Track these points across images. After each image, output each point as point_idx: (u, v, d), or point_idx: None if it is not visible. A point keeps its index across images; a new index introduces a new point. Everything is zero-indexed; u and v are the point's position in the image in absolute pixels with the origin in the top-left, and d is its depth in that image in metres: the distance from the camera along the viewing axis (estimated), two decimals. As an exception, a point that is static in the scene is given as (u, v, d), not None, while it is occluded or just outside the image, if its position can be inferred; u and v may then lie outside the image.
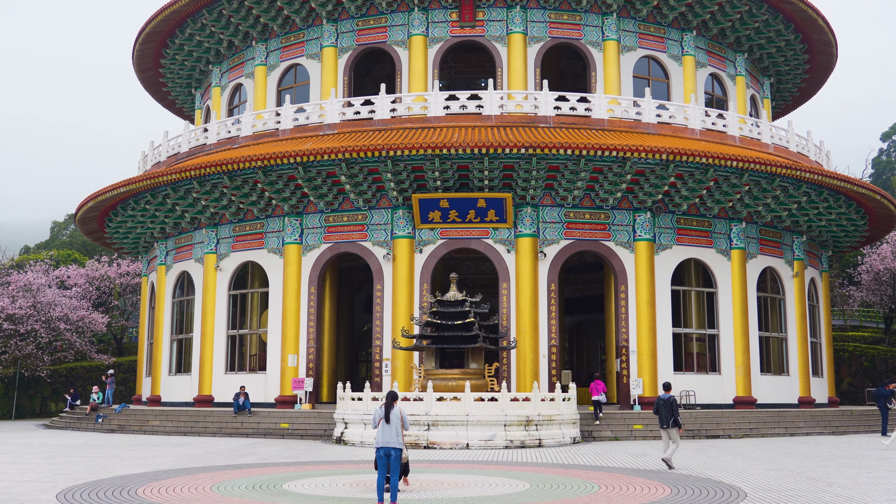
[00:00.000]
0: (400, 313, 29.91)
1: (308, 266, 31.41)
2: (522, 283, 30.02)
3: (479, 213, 30.07)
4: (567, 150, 28.17)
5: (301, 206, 31.64)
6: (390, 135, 30.30)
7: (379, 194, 30.76)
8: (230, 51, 38.44)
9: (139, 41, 39.52)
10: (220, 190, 31.92)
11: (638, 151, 28.37)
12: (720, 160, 29.06)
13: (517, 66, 33.39)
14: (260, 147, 31.69)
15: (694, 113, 32.61)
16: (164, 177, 31.68)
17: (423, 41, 33.76)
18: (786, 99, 45.08)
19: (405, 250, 30.42)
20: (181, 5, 36.19)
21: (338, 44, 34.79)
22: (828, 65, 41.82)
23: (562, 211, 30.60)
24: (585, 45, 34.18)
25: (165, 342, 35.75)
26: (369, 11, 34.50)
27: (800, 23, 37.77)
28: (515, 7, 33.65)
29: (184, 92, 43.98)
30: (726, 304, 31.94)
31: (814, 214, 33.72)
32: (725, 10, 35.56)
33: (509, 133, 29.76)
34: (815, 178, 31.11)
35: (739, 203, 31.83)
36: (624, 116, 31.99)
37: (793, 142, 35.40)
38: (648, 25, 35.08)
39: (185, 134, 35.86)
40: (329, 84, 34.25)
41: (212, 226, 33.66)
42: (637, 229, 30.83)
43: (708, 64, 36.55)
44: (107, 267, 52.81)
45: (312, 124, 32.50)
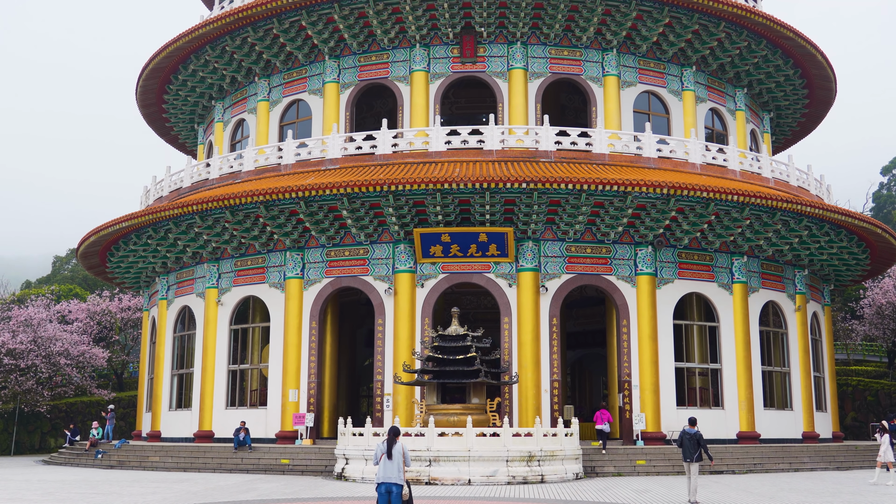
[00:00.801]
0: (401, 348, 29.83)
1: (309, 301, 31.38)
2: (524, 318, 29.96)
3: (480, 247, 30.09)
4: (568, 184, 28.25)
5: (303, 240, 31.69)
6: (392, 170, 30.41)
7: (380, 229, 30.81)
8: (233, 86, 38.70)
9: (142, 77, 39.82)
10: (222, 224, 31.98)
11: (639, 186, 28.44)
12: (721, 194, 29.12)
13: (518, 101, 33.58)
14: (262, 182, 31.79)
15: (694, 147, 32.73)
16: (166, 211, 31.76)
17: (425, 77, 33.99)
18: (786, 133, 45.27)
19: (407, 285, 30.40)
20: (185, 42, 36.50)
21: (340, 79, 35.02)
22: (827, 99, 42.04)
23: (563, 245, 30.61)
24: (586, 80, 34.40)
25: (166, 377, 35.63)
26: (371, 47, 34.77)
27: (798, 58, 38.03)
28: (516, 43, 33.91)
29: (186, 127, 44.22)
30: (728, 339, 31.83)
31: (815, 248, 33.73)
32: (724, 46, 35.83)
33: (510, 168, 29.85)
34: (815, 212, 31.15)
35: (741, 237, 31.85)
36: (625, 151, 32.10)
37: (793, 176, 35.49)
38: (648, 61, 35.32)
39: (188, 169, 36.00)
40: (331, 119, 34.44)
41: (213, 260, 33.68)
42: (639, 263, 30.83)
43: (708, 99, 36.76)
44: (108, 301, 52.77)
45: (314, 159, 32.63)
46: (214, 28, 35.32)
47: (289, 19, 34.36)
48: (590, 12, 33.27)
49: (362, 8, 33.35)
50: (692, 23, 34.20)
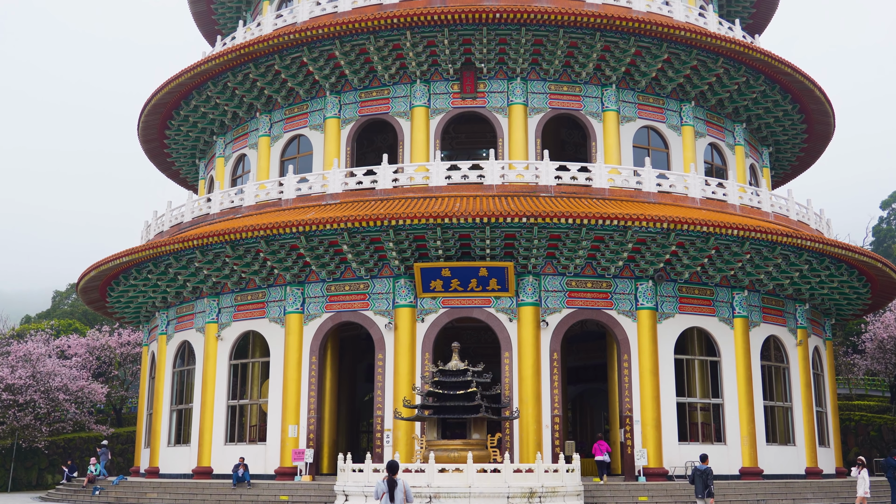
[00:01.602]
0: (401, 383, 29.71)
1: (309, 335, 31.30)
2: (525, 353, 29.87)
3: (480, 282, 30.07)
4: (568, 219, 28.30)
5: (303, 275, 31.68)
6: (392, 204, 30.48)
7: (381, 263, 30.81)
8: (234, 122, 38.90)
9: (144, 113, 40.04)
10: (223, 259, 32.00)
11: (639, 220, 28.49)
12: (721, 229, 29.16)
13: (518, 136, 33.74)
14: (263, 217, 31.85)
15: (694, 182, 32.82)
16: (166, 246, 31.79)
17: (425, 112, 34.17)
18: (785, 168, 45.42)
19: (407, 319, 30.34)
20: (187, 78, 36.74)
21: (341, 115, 35.20)
22: (826, 134, 42.22)
23: (563, 280, 30.60)
24: (585, 115, 34.57)
25: (165, 412, 35.44)
26: (372, 83, 35.00)
27: (797, 93, 38.25)
28: (516, 79, 34.14)
29: (188, 162, 44.39)
30: (730, 373, 31.71)
31: (816, 282, 33.71)
32: (723, 82, 36.06)
33: (511, 202, 29.92)
34: (815, 247, 31.17)
35: (741, 271, 31.84)
36: (624, 186, 32.19)
37: (793, 210, 35.55)
38: (647, 96, 35.52)
39: (189, 204, 36.08)
40: (332, 154, 34.58)
41: (213, 295, 33.65)
42: (639, 298, 30.79)
43: (707, 134, 36.92)
44: (107, 336, 52.64)
45: (315, 194, 32.72)
46: (216, 64, 35.57)
47: (290, 55, 34.62)
48: (589, 48, 33.53)
49: (363, 44, 33.61)
50: (691, 59, 34.45)
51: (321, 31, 32.94)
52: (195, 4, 46.07)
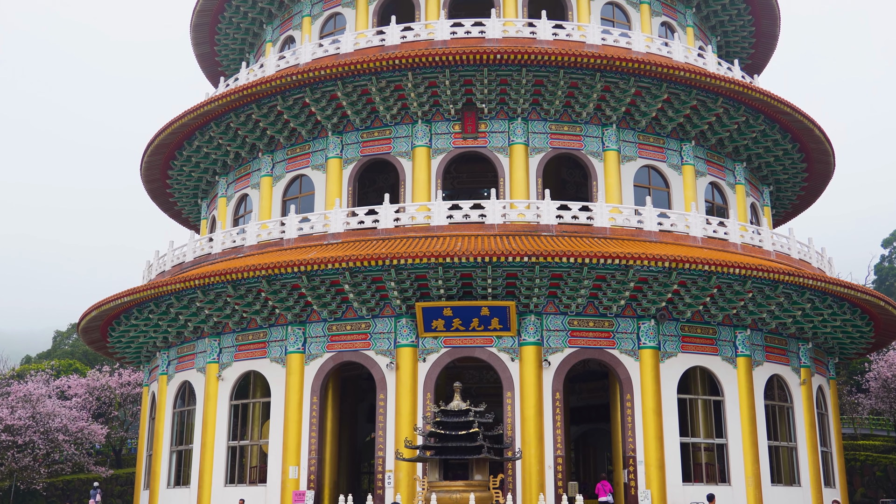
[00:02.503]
0: (403, 423, 29.52)
1: (311, 376, 31.17)
2: (527, 393, 29.72)
3: (482, 321, 30.01)
4: (570, 258, 28.31)
5: (304, 314, 31.63)
6: (394, 244, 30.51)
7: (382, 303, 30.77)
8: (237, 162, 39.06)
9: (148, 153, 40.23)
10: (224, 299, 31.97)
11: (640, 259, 28.49)
12: (722, 268, 29.15)
13: (519, 175, 33.85)
14: (264, 256, 31.88)
15: (695, 221, 32.87)
16: (168, 286, 31.78)
17: (427, 152, 34.33)
18: (786, 207, 45.50)
19: (408, 359, 30.22)
20: (190, 119, 36.97)
21: (342, 155, 35.34)
22: (826, 173, 42.34)
23: (565, 319, 30.53)
24: (586, 155, 34.72)
25: (164, 453, 35.19)
26: (374, 123, 35.20)
27: (796, 132, 38.42)
28: (517, 119, 34.33)
29: (190, 202, 44.52)
30: (734, 413, 31.50)
31: (818, 321, 33.61)
32: (723, 121, 36.25)
33: (512, 242, 29.95)
34: (817, 285, 31.14)
35: (743, 310, 31.78)
36: (626, 225, 32.24)
37: (794, 249, 35.56)
38: (648, 136, 35.68)
39: (191, 244, 36.13)
40: (333, 194, 34.68)
41: (214, 335, 33.57)
42: (641, 337, 30.70)
43: (707, 173, 37.03)
44: (108, 377, 52.48)
45: (317, 234, 32.77)
46: (219, 105, 35.81)
47: (293, 96, 34.86)
48: (589, 89, 33.76)
49: (365, 85, 33.86)
50: (690, 99, 34.67)
51: (323, 72, 33.21)
52: (199, 46, 46.52)
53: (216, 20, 44.50)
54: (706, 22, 43.65)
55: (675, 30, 40.98)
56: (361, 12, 38.87)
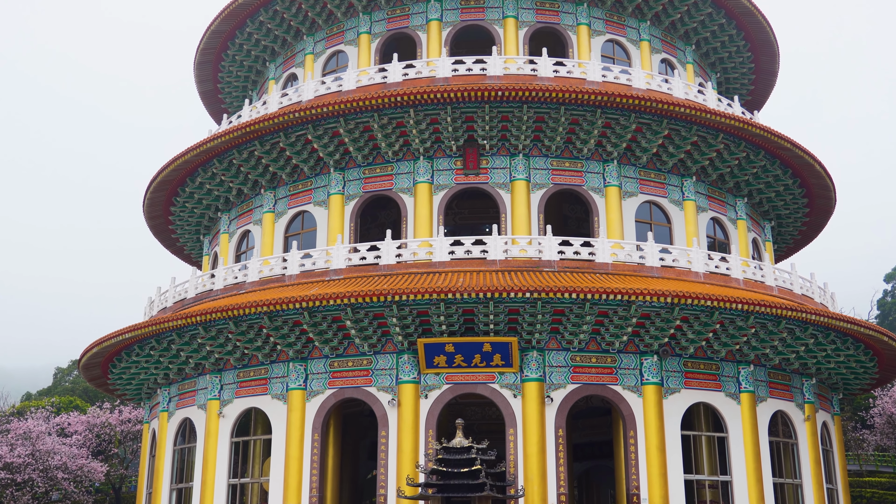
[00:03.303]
0: (405, 460, 29.30)
1: (312, 412, 31.00)
2: (529, 429, 29.53)
3: (484, 357, 29.90)
4: (572, 293, 28.28)
5: (306, 351, 31.54)
6: (396, 280, 30.50)
7: (384, 339, 30.69)
8: (239, 198, 39.16)
9: (150, 189, 40.36)
10: (226, 335, 31.91)
11: (642, 295, 28.45)
12: (725, 303, 29.09)
13: (521, 211, 33.91)
14: (266, 293, 31.86)
15: (697, 256, 32.86)
16: (169, 322, 31.72)
17: (429, 188, 34.42)
18: (787, 242, 45.52)
19: (410, 396, 30.08)
20: (192, 155, 37.13)
21: (344, 191, 35.44)
22: (827, 208, 42.40)
23: (568, 355, 30.43)
24: (587, 190, 34.80)
25: (164, 492, 34.90)
26: (375, 160, 35.33)
27: (797, 168, 38.53)
28: (518, 155, 34.46)
29: (192, 239, 44.59)
30: (738, 450, 31.26)
31: (822, 357, 33.48)
32: (724, 157, 36.36)
33: (514, 277, 29.93)
34: (820, 320, 31.05)
35: (746, 346, 31.66)
36: (627, 260, 32.24)
37: (797, 284, 35.51)
38: (649, 172, 35.78)
39: (192, 280, 36.13)
40: (335, 230, 34.72)
41: (216, 372, 33.45)
42: (644, 373, 30.57)
43: (709, 208, 37.09)
44: (108, 414, 52.25)
45: (319, 270, 32.77)
46: (222, 142, 35.97)
47: (295, 133, 35.05)
48: (590, 125, 33.93)
49: (367, 122, 34.04)
50: (691, 134, 34.82)
51: (326, 109, 33.41)
52: (202, 84, 46.87)
53: (219, 58, 44.87)
54: (706, 59, 43.97)
55: (675, 66, 41.28)
56: (363, 50, 39.22)
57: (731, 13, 41.85)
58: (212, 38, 43.50)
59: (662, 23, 40.91)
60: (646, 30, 40.40)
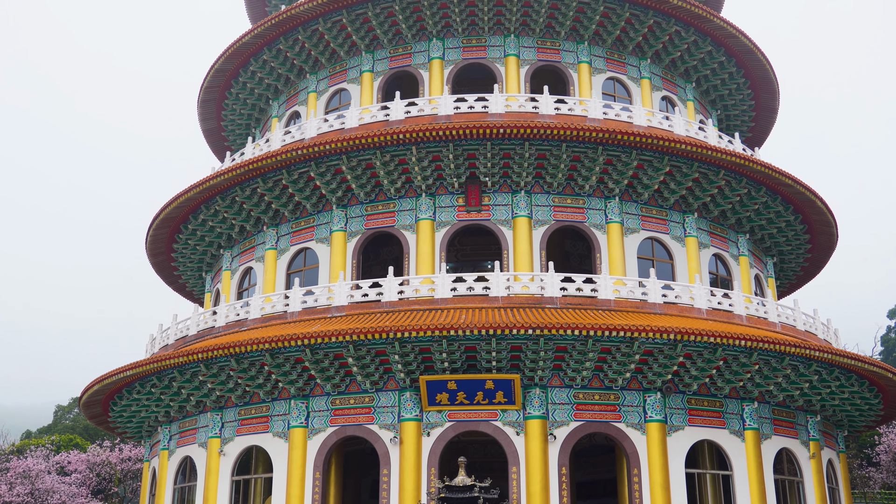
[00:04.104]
0: (407, 499, 29.06)
1: (313, 450, 30.79)
2: (532, 467, 29.30)
3: (487, 394, 29.76)
4: (574, 330, 28.21)
5: (308, 388, 31.41)
6: (398, 317, 30.45)
7: (386, 376, 30.58)
8: (241, 235, 39.23)
9: (153, 227, 40.46)
10: (227, 373, 31.80)
11: (645, 332, 28.38)
12: (728, 339, 29.00)
13: (523, 248, 33.92)
14: (268, 330, 31.80)
15: (699, 293, 32.82)
16: (170, 360, 31.63)
17: (431, 225, 34.47)
18: (790, 278, 45.46)
19: (412, 433, 29.89)
20: (196, 193, 37.26)
21: (347, 228, 35.51)
22: (829, 244, 42.40)
23: (571, 392, 30.28)
24: (589, 227, 34.84)
25: (165, 531, 34.59)
26: (378, 197, 35.43)
27: (798, 204, 38.59)
28: (520, 192, 34.55)
29: (194, 276, 44.61)
30: (743, 488, 30.98)
31: (826, 393, 33.30)
32: (725, 193, 36.45)
33: (516, 314, 29.88)
34: (824, 357, 30.92)
35: (750, 382, 31.51)
36: (630, 297, 32.20)
37: (800, 320, 35.41)
38: (650, 208, 35.85)
39: (194, 317, 36.08)
40: (338, 267, 34.73)
41: (217, 409, 33.30)
42: (648, 410, 30.39)
43: (711, 244, 37.11)
44: (109, 452, 51.94)
45: (321, 307, 32.73)
46: (225, 179, 36.10)
47: (298, 170, 35.19)
48: (591, 162, 34.05)
49: (369, 159, 34.20)
50: (692, 171, 34.93)
51: (328, 146, 33.57)
52: (206, 122, 47.15)
53: (223, 96, 45.18)
54: (706, 96, 44.23)
55: (675, 104, 41.51)
56: (366, 88, 39.51)
57: (731, 51, 42.17)
58: (216, 77, 43.85)
59: (663, 61, 41.21)
60: (646, 68, 40.70)
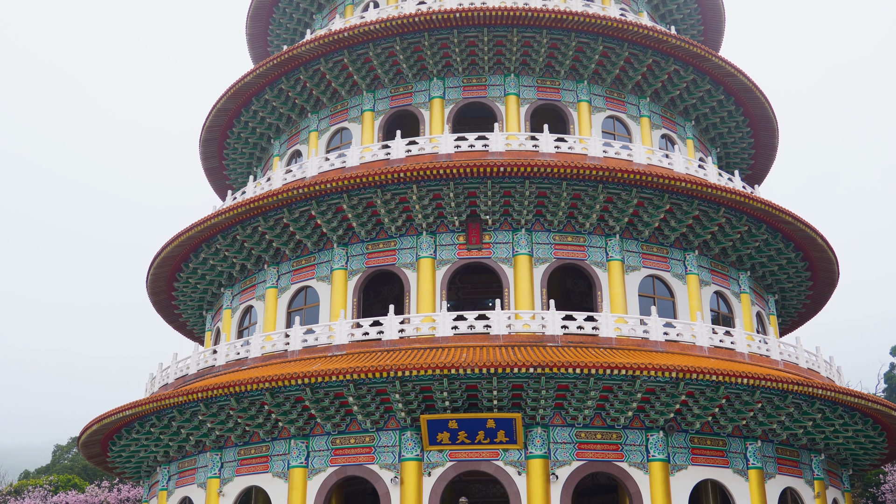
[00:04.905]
0: (408, 541, 28.74)
1: (314, 491, 30.50)
2: (535, 508, 28.99)
3: (488, 433, 29.55)
4: (576, 369, 28.07)
5: (308, 428, 31.20)
6: (399, 355, 30.33)
7: (387, 416, 30.38)
8: (242, 274, 39.21)
9: (154, 265, 40.46)
10: (227, 412, 31.62)
11: (647, 370, 28.24)
12: (730, 377, 28.85)
13: (524, 286, 33.87)
14: (268, 368, 31.67)
15: (701, 331, 32.71)
16: (170, 399, 31.47)
17: (431, 263, 34.45)
18: (792, 315, 45.34)
19: (413, 473, 29.64)
20: (197, 231, 37.31)
21: (348, 266, 35.47)
22: (830, 281, 42.33)
23: (573, 431, 30.06)
24: (590, 265, 34.81)
25: (163, 573, 34.20)
26: (379, 235, 35.46)
27: (799, 242, 38.59)
28: (521, 230, 34.58)
29: (195, 314, 44.53)
30: (748, 528, 30.65)
31: (830, 432, 33.05)
32: (725, 231, 36.46)
33: (517, 353, 29.76)
34: (827, 395, 30.74)
35: (753, 421, 31.30)
36: (631, 335, 32.09)
37: (802, 358, 35.26)
38: (651, 246, 35.85)
39: (194, 356, 35.96)
40: (338, 305, 34.67)
41: (216, 449, 33.05)
42: (650, 449, 30.16)
43: (712, 282, 37.05)
44: (107, 492, 51.49)
45: (321, 345, 32.63)
46: (226, 218, 36.17)
47: (299, 209, 35.26)
48: (592, 200, 34.12)
49: (370, 198, 34.27)
50: (692, 209, 34.99)
51: (330, 185, 33.67)
52: (207, 161, 47.33)
53: (225, 135, 45.40)
54: (706, 134, 44.43)
55: (675, 142, 41.67)
56: (367, 127, 39.70)
57: (730, 90, 42.43)
58: (217, 116, 44.09)
59: (662, 99, 41.46)
60: (646, 106, 40.92)
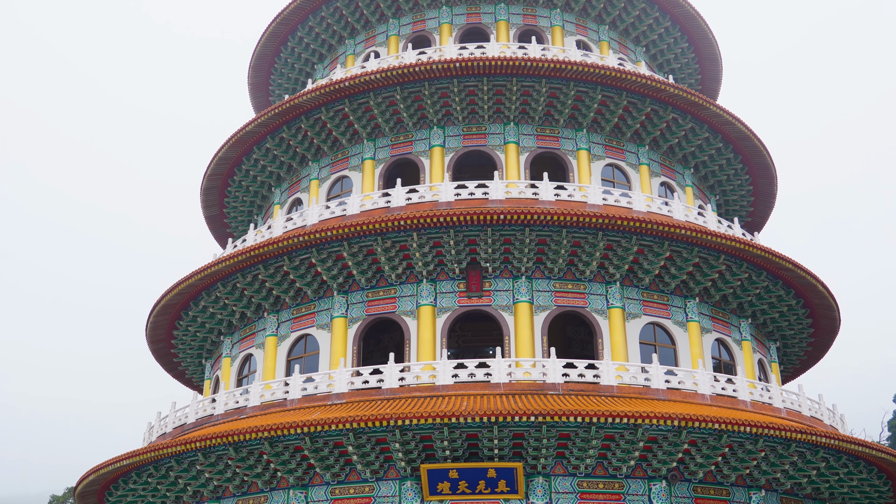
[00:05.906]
0: None
1: (312, 542, 30.14)
2: (536, 559, 28.61)
3: (489, 483, 29.25)
4: (577, 417, 27.89)
5: (307, 477, 30.90)
6: (399, 404, 30.14)
7: (387, 465, 30.10)
8: (242, 322, 39.12)
9: (153, 313, 40.39)
10: (225, 462, 31.33)
11: (649, 418, 28.05)
12: (733, 426, 28.63)
13: (524, 333, 33.78)
14: (267, 417, 31.45)
15: (703, 378, 32.55)
16: (168, 449, 31.20)
17: (432, 311, 34.40)
18: (794, 362, 45.14)
19: (414, 524, 29.29)
20: (197, 279, 37.31)
21: (348, 314, 35.40)
22: (832, 328, 42.21)
23: (574, 480, 29.76)
24: (591, 312, 34.74)
25: None
26: (379, 283, 35.45)
27: (800, 288, 38.56)
28: (521, 278, 34.58)
29: (194, 363, 44.35)
30: (753, 580, 30.22)
31: (834, 481, 32.73)
32: (726, 278, 36.45)
33: (518, 401, 29.57)
34: (831, 443, 30.50)
35: (757, 470, 31.00)
36: (633, 383, 31.92)
37: (805, 405, 35.04)
38: (652, 293, 35.81)
39: (193, 404, 35.74)
40: (338, 353, 34.54)
41: (214, 500, 32.70)
42: (653, 499, 29.83)
43: (713, 329, 36.95)
44: (104, 544, 50.80)
45: (321, 394, 32.45)
46: (227, 265, 36.19)
47: (299, 257, 35.30)
48: (592, 247, 34.17)
49: (371, 246, 34.32)
50: (692, 256, 35.02)
51: (330, 233, 33.74)
52: (208, 209, 47.48)
53: (226, 184, 45.59)
54: (705, 181, 44.63)
55: (674, 189, 41.84)
56: (368, 175, 39.89)
57: (728, 137, 42.69)
58: (219, 165, 44.32)
59: (661, 147, 41.70)
60: (644, 154, 41.16)
